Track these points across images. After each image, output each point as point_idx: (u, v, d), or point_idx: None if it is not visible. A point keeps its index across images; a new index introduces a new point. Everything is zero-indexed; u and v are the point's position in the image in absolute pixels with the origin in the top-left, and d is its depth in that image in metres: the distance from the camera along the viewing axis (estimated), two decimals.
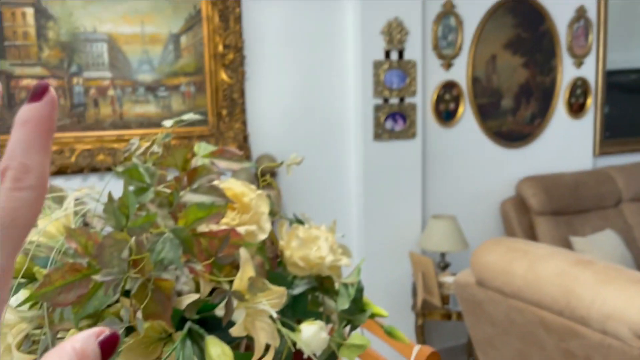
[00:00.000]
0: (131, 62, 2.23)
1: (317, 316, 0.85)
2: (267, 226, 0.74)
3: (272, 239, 0.82)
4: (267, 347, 0.75)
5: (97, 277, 0.57)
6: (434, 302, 2.42)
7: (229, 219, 0.71)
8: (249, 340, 0.73)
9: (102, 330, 0.23)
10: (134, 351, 0.65)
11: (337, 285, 0.86)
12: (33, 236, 0.67)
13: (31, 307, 0.67)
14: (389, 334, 0.94)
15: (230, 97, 2.34)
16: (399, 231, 2.71)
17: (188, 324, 0.65)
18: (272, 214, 0.88)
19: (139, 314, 0.57)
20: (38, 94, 0.25)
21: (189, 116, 0.92)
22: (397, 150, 2.66)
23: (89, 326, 0.61)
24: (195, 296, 0.65)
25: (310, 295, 0.91)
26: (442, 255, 2.64)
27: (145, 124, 2.25)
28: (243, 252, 0.65)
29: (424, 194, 2.80)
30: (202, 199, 0.66)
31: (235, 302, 0.62)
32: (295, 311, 0.88)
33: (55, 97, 0.26)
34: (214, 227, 0.69)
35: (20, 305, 0.57)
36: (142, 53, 2.25)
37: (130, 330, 0.66)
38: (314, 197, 2.60)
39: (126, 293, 0.62)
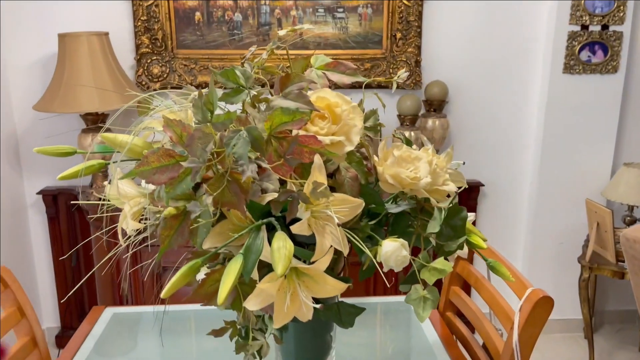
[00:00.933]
0: None
1: (409, 236, 0.85)
2: (356, 139, 0.75)
3: (368, 155, 0.83)
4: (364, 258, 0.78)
5: (184, 163, 0.65)
6: (607, 258, 2.18)
7: (318, 128, 0.74)
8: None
9: None
10: (222, 235, 0.74)
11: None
12: (154, 124, 0.78)
13: None
14: (493, 268, 0.90)
15: (406, 20, 2.28)
16: (580, 176, 2.45)
17: (268, 219, 0.71)
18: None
19: (209, 200, 0.64)
20: None
21: (307, 26, 0.94)
22: (591, 85, 2.35)
23: (184, 205, 0.71)
24: (274, 195, 0.70)
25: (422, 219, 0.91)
26: (631, 208, 2.33)
27: (322, 44, 2.33)
28: (316, 159, 0.67)
29: (619, 137, 2.46)
30: (288, 104, 0.70)
31: (302, 206, 0.66)
32: (394, 228, 0.90)
33: None
34: (301, 133, 0.72)
35: (124, 178, 0.68)
36: None
37: (221, 218, 0.75)
38: (486, 130, 2.46)
39: None
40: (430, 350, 1.17)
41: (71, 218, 2.37)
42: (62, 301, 2.40)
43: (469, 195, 2.42)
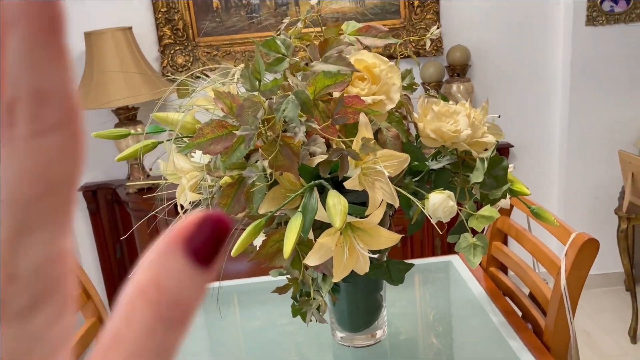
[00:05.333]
0: None
1: (452, 190, 0.87)
2: (396, 97, 0.77)
3: (408, 112, 0.85)
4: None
5: (237, 132, 0.69)
6: None
7: (359, 89, 0.76)
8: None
9: (204, 219, 0.15)
10: (276, 200, 0.77)
11: None
12: (201, 102, 0.82)
13: None
14: (536, 214, 0.92)
15: None
16: (611, 129, 2.42)
17: (319, 181, 0.75)
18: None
19: (265, 163, 0.67)
20: None
21: None
22: (616, 35, 2.32)
23: (239, 173, 0.74)
24: (323, 156, 0.73)
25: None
26: None
27: (341, 19, 2.34)
28: (362, 117, 0.70)
29: None
30: (329, 68, 0.72)
31: (352, 163, 0.69)
32: (436, 184, 0.92)
33: None
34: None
35: (182, 150, 0.72)
36: None
37: (274, 184, 0.79)
38: (512, 91, 2.45)
39: None
40: (477, 303, 1.20)
41: (112, 212, 2.45)
42: (104, 270, 2.48)
43: None
